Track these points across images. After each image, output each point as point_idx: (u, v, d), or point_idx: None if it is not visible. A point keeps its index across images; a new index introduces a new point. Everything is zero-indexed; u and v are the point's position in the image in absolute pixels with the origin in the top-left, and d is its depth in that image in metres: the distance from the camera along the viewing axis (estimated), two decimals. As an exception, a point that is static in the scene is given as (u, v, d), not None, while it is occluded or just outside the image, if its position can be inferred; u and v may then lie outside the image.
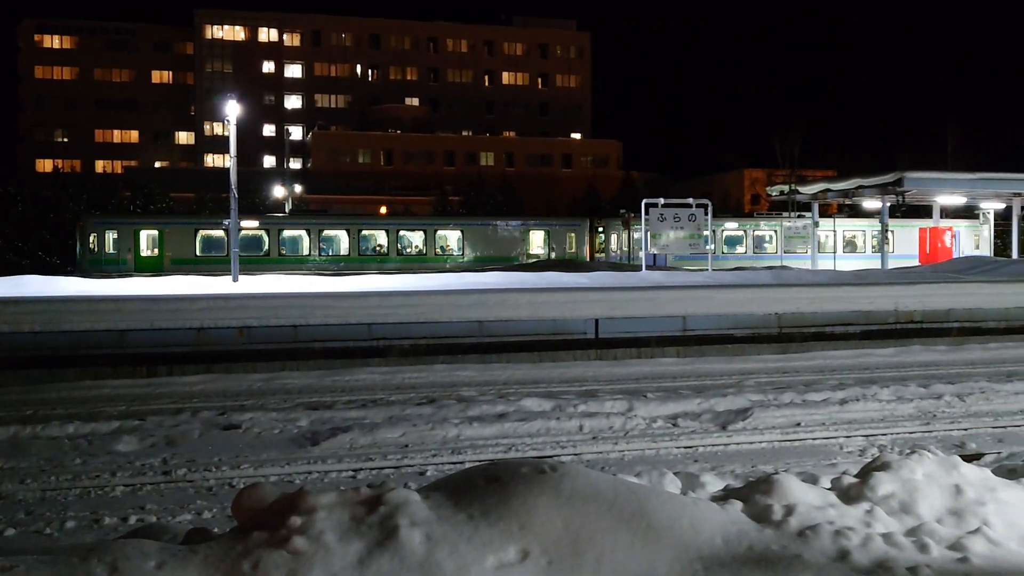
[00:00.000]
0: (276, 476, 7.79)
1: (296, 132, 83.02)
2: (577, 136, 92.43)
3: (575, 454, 8.66)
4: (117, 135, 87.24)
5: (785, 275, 25.55)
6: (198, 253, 37.25)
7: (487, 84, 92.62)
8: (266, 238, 38.44)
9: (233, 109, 24.60)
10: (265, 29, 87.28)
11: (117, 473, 7.78)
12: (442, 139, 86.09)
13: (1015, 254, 38.92)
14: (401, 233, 40.69)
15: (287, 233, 39.21)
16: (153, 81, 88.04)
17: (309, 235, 39.14)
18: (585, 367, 14.04)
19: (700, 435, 9.38)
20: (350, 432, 9.00)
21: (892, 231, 42.46)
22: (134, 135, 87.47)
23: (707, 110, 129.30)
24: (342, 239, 39.72)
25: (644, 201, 29.87)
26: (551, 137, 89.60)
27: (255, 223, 38.43)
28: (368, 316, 14.20)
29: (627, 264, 37.93)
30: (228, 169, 24.60)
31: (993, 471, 5.38)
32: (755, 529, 4.36)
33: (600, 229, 44.62)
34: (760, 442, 9.19)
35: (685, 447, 8.97)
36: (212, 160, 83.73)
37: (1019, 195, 38.70)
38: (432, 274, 25.31)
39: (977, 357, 15.17)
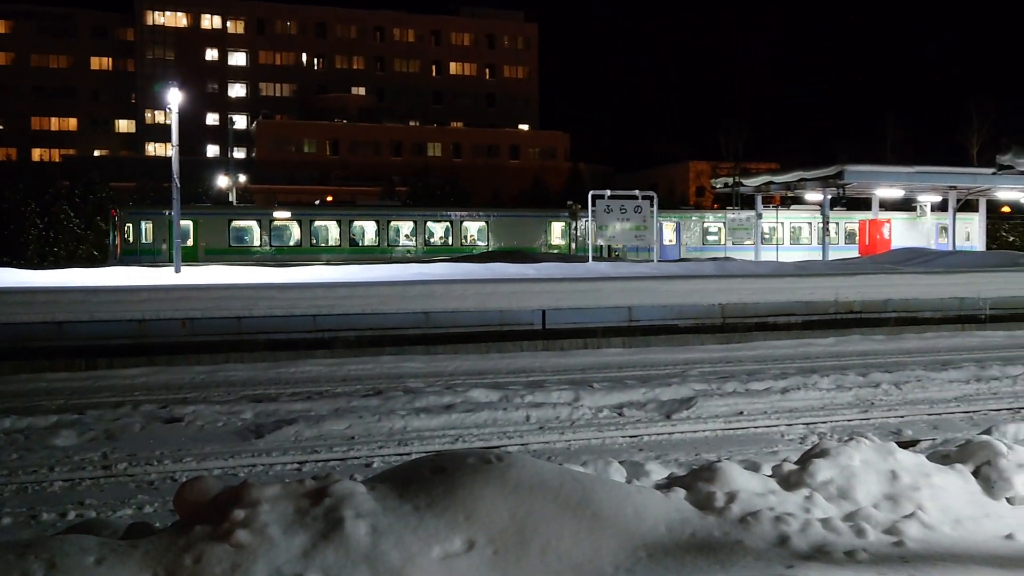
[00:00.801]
0: (220, 469, 7.70)
1: (240, 121, 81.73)
2: (525, 127, 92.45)
3: (522, 444, 8.70)
4: (55, 123, 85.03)
5: (729, 266, 25.90)
6: (231, 243, 38.16)
7: (434, 74, 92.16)
8: (297, 229, 39.28)
9: (175, 97, 24.16)
10: (208, 16, 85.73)
11: (55, 468, 7.62)
12: (389, 129, 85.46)
13: (952, 246, 39.91)
14: (428, 224, 41.86)
15: (318, 223, 40.09)
16: (92, 68, 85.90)
17: (340, 225, 40.13)
18: (532, 358, 14.09)
19: (645, 424, 9.48)
20: (295, 424, 8.93)
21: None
22: (72, 123, 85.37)
23: (653, 102, 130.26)
24: (371, 229, 40.91)
25: (591, 193, 30.02)
26: (499, 128, 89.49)
27: (287, 213, 39.57)
28: (313, 307, 14.08)
29: (574, 255, 38.10)
30: (170, 158, 24.17)
31: (928, 457, 5.53)
32: (698, 516, 4.43)
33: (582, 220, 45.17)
34: (704, 431, 9.31)
35: (630, 436, 9.06)
36: (154, 149, 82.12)
37: (954, 188, 39.72)
38: (380, 265, 25.18)
39: (914, 346, 15.55)
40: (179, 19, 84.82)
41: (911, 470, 5.08)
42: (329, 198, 64.25)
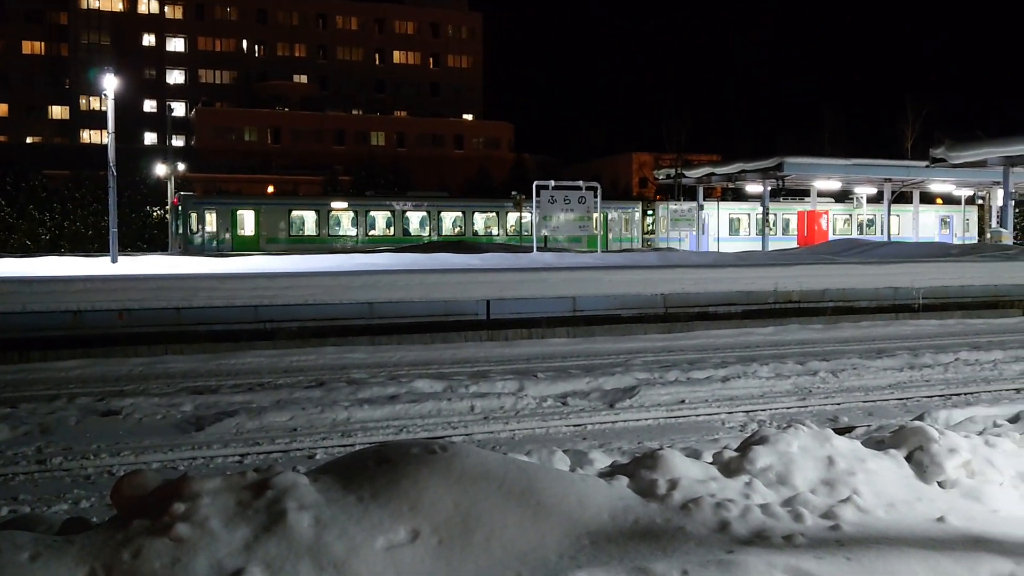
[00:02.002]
0: (159, 463, 7.58)
1: (179, 108, 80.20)
2: (469, 117, 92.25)
3: (466, 434, 8.70)
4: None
5: (671, 257, 26.17)
6: (291, 232, 39.13)
7: (378, 62, 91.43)
8: (353, 218, 40.50)
9: (111, 83, 23.60)
10: (145, 0, 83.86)
11: (-13, 463, 7.42)
12: (332, 118, 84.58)
13: (885, 236, 40.84)
14: (475, 214, 43.37)
15: (372, 213, 41.19)
16: (24, 52, 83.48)
17: (392, 215, 41.33)
18: (477, 348, 14.10)
19: (589, 413, 9.55)
20: (236, 416, 8.81)
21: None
22: (3, 109, 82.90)
23: (597, 93, 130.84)
24: (416, 219, 42.08)
25: (535, 183, 30.09)
26: (443, 118, 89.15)
27: (344, 204, 40.90)
28: (255, 298, 13.89)
29: (518, 245, 38.18)
30: (106, 146, 23.63)
31: (863, 443, 5.65)
32: (640, 503, 4.48)
33: (650, 212, 45.48)
34: (646, 419, 9.41)
35: (574, 425, 9.12)
36: (89, 136, 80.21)
37: (889, 180, 40.66)
38: (325, 255, 24.94)
39: (850, 335, 15.88)
40: (115, 3, 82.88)
41: (847, 456, 5.19)
42: (270, 188, 63.44)
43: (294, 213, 39.90)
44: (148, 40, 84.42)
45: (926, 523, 4.59)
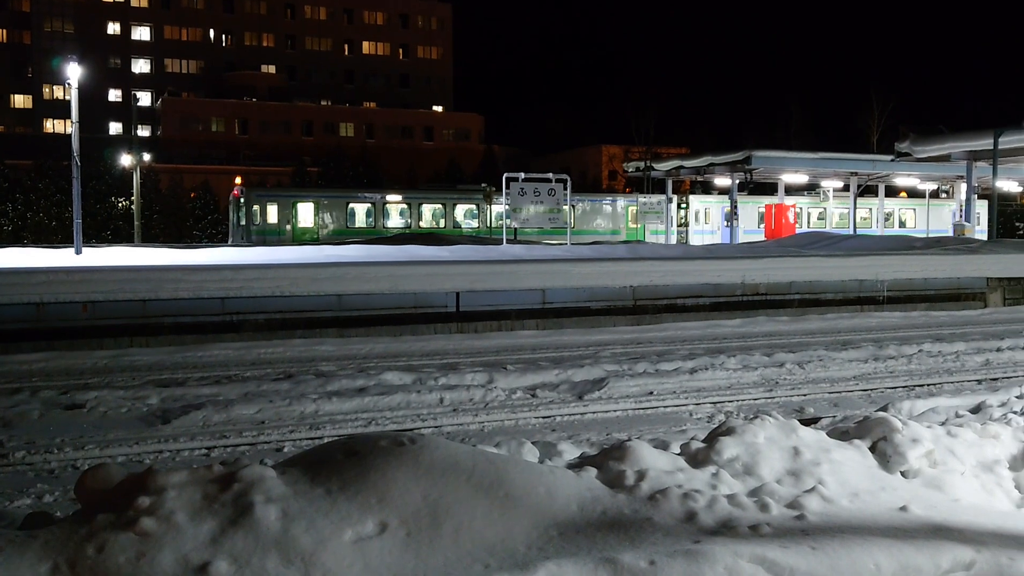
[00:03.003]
0: (124, 456, 7.50)
1: (145, 98, 79.16)
2: (439, 108, 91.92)
3: (435, 427, 8.70)
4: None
5: (640, 249, 26.28)
6: (348, 224, 40.10)
7: (347, 53, 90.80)
8: (405, 210, 41.23)
9: (75, 71, 23.25)
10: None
11: (-53, 457, 7.31)
12: (300, 108, 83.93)
13: (852, 230, 41.28)
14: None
15: (426, 206, 42.08)
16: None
17: (445, 208, 42.09)
18: (446, 340, 14.08)
19: (558, 405, 9.58)
20: (203, 409, 8.74)
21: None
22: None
23: (566, 86, 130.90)
24: (463, 211, 42.86)
25: (505, 175, 30.06)
26: (412, 109, 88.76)
27: (398, 196, 41.92)
28: (221, 290, 13.77)
29: (488, 238, 38.16)
30: (70, 135, 23.28)
31: (828, 433, 5.72)
32: (609, 495, 4.50)
33: (683, 205, 45.54)
34: (615, 411, 9.45)
35: (543, 417, 9.14)
36: (52, 125, 79.00)
37: (856, 174, 41.07)
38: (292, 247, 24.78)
39: (816, 327, 16.05)
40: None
41: (812, 446, 5.25)
42: (238, 179, 62.85)
43: (351, 205, 40.97)
44: (113, 28, 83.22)
45: (889, 512, 4.65)
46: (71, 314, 13.00)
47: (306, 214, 40.06)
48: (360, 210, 40.97)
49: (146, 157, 52.31)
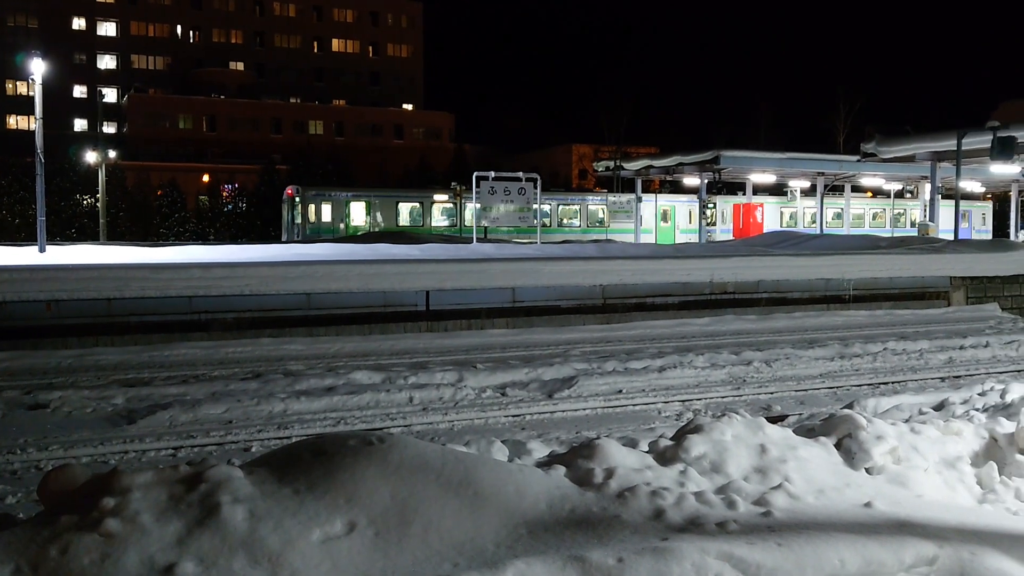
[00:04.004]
0: (88, 457, 7.41)
1: (111, 94, 78.21)
2: (409, 107, 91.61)
3: (405, 426, 8.68)
4: (-97, 92, 79.51)
5: (610, 248, 26.36)
6: (399, 222, 40.97)
7: (316, 50, 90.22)
8: (451, 210, 42.22)
9: (39, 67, 22.92)
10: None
11: (-94, 459, 7.18)
12: (269, 106, 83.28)
13: (821, 229, 41.68)
14: (560, 208, 44.42)
15: (470, 206, 41.98)
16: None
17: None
18: (416, 339, 14.05)
19: (528, 404, 9.59)
20: (170, 409, 8.66)
21: (713, 206, 44.63)
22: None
23: (537, 85, 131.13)
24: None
25: (475, 174, 30.02)
26: (383, 107, 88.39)
27: (445, 196, 42.76)
28: (189, 288, 13.64)
29: (459, 237, 38.13)
30: (34, 132, 22.96)
31: (794, 431, 5.77)
32: (577, 492, 4.51)
33: (711, 205, 45.97)
34: (584, 409, 9.49)
35: (513, 416, 9.16)
36: (16, 122, 77.79)
37: (823, 174, 41.46)
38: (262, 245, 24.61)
39: (783, 325, 16.19)
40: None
41: (779, 444, 5.30)
42: (205, 177, 62.25)
43: (401, 204, 41.97)
44: (78, 24, 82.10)
45: (854, 508, 4.71)
46: (35, 313, 12.82)
47: (358, 212, 41.26)
48: (407, 209, 42.14)
49: (112, 154, 51.70)
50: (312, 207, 40.92)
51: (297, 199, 41.51)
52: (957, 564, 4.24)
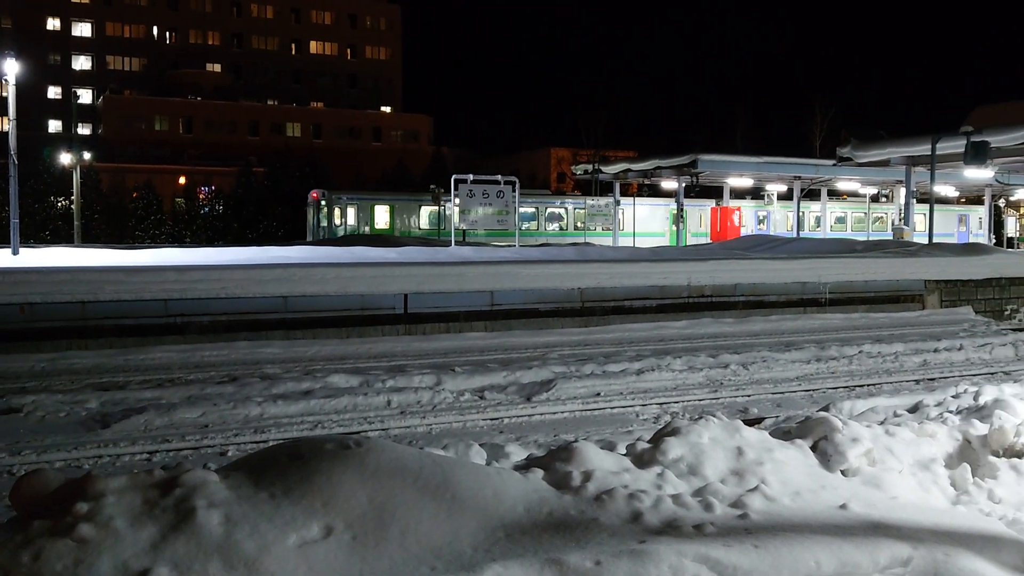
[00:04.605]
0: (62, 462, 7.34)
1: (85, 96, 77.53)
2: (387, 110, 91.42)
3: (383, 429, 8.65)
4: None
5: (588, 251, 26.40)
6: (421, 226, 42.05)
7: (294, 52, 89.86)
8: (559, 213, 42.97)
9: (12, 67, 22.71)
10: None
11: None
12: (246, 108, 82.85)
13: (795, 233, 41.95)
14: (569, 211, 45.44)
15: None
16: (-83, 33, 79.65)
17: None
18: (394, 342, 14.00)
19: (506, 407, 9.59)
20: (145, 413, 8.58)
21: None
22: None
23: (516, 88, 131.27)
24: (530, 214, 44.28)
25: (454, 177, 29.99)
26: (360, 110, 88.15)
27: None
28: (164, 292, 13.53)
29: (437, 239, 38.08)
30: (7, 133, 22.72)
31: (771, 433, 5.80)
32: (555, 496, 4.51)
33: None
34: (563, 412, 9.50)
35: (491, 419, 9.15)
36: (-12, 123, 76.89)
37: (799, 178, 41.74)
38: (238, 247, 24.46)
39: (760, 328, 16.28)
40: (16, -15, 79.57)
41: (755, 446, 5.33)
42: (182, 179, 61.85)
43: (423, 208, 42.95)
44: (53, 24, 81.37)
45: (830, 510, 4.74)
46: (8, 316, 12.67)
47: (382, 215, 42.29)
48: (427, 212, 43.09)
49: (87, 156, 51.21)
50: (337, 210, 42.10)
51: (323, 202, 42.66)
52: (931, 565, 4.27)
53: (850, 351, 13.25)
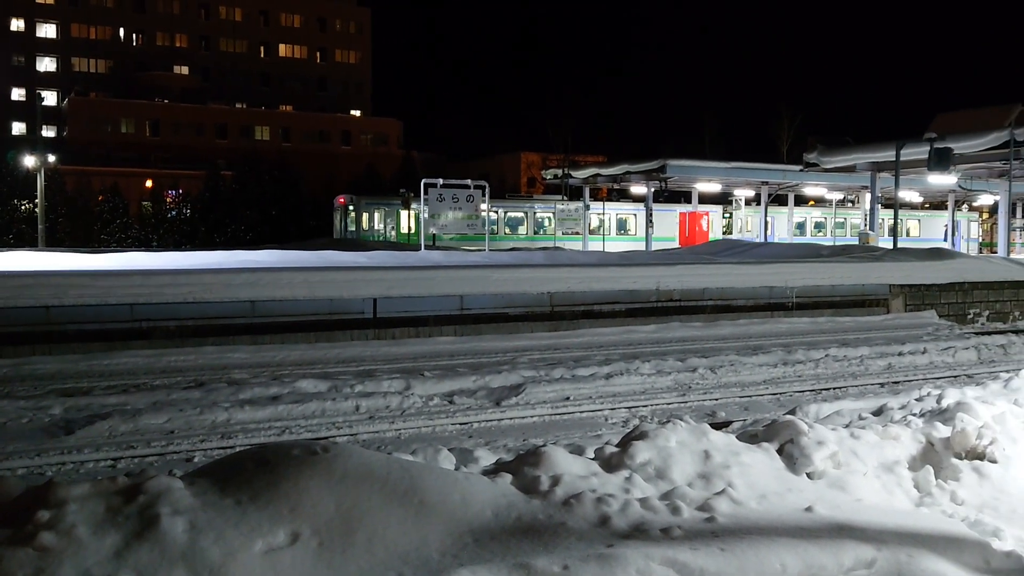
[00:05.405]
0: (24, 469, 7.23)
1: (50, 97, 76.52)
2: (357, 113, 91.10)
3: (351, 435, 8.61)
4: None
5: (558, 256, 26.46)
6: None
7: (263, 55, 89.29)
8: (496, 218, 43.07)
9: (-27, 69, 22.38)
10: (12, -17, 79.67)
11: None
12: (214, 111, 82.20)
13: (763, 238, 42.31)
14: (619, 216, 46.65)
15: (512, 214, 44.65)
16: None
17: (526, 216, 44.52)
18: (363, 347, 13.94)
19: (475, 411, 9.58)
20: (109, 419, 8.48)
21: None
22: None
23: (486, 92, 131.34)
24: (547, 218, 45.29)
25: (424, 181, 29.94)
26: (330, 113, 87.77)
27: (486, 205, 43.48)
28: (130, 296, 13.38)
29: (407, 243, 37.99)
30: (-32, 135, 22.38)
31: (738, 437, 5.85)
32: (523, 500, 4.52)
33: (727, 215, 47.53)
34: (532, 416, 9.50)
35: (461, 423, 9.13)
36: (-51, 124, 75.71)
37: (766, 183, 42.13)
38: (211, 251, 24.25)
39: (728, 332, 16.39)
40: (-21, -15, 78.43)
41: (722, 449, 5.37)
42: (148, 182, 61.23)
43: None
44: (17, 25, 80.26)
45: (795, 513, 4.78)
46: (-31, 321, 12.47)
47: (407, 220, 42.80)
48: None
49: (51, 158, 50.51)
50: (365, 215, 42.87)
51: (350, 207, 43.35)
52: (895, 566, 4.33)
53: (816, 355, 13.38)
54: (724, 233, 47.32)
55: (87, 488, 3.88)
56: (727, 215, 48.25)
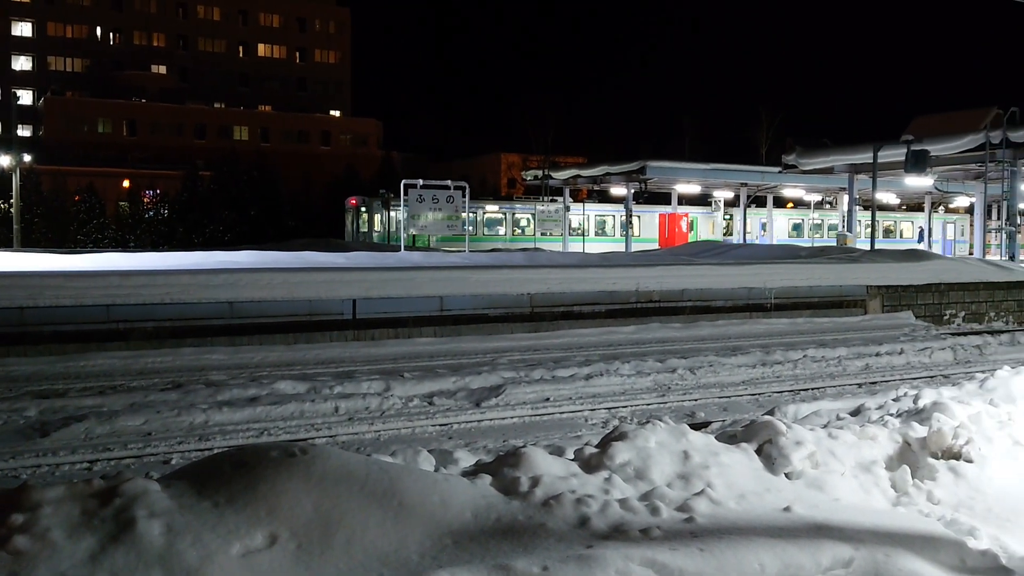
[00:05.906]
0: (-2, 471, 7.15)
1: (26, 97, 75.80)
2: (336, 113, 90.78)
3: (330, 436, 8.57)
4: None
5: (538, 257, 26.47)
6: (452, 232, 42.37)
7: (242, 55, 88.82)
8: (502, 219, 43.77)
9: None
10: (-13, -19, 78.87)
11: None
12: (192, 111, 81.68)
13: (742, 239, 42.51)
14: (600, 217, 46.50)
15: (518, 216, 44.77)
16: None
17: (532, 217, 44.33)
18: (342, 348, 13.89)
19: (455, 413, 9.56)
20: (85, 421, 8.40)
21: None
22: None
23: (466, 93, 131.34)
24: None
25: (404, 182, 29.88)
26: (309, 113, 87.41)
27: (496, 206, 45.12)
28: (106, 297, 13.26)
29: (387, 244, 37.87)
30: (-58, 134, 22.13)
31: (717, 437, 5.87)
32: (503, 501, 4.51)
33: (727, 216, 47.60)
34: (512, 417, 9.50)
35: (440, 425, 9.11)
36: (-77, 123, 74.78)
37: (745, 185, 42.35)
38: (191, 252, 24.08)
39: (707, 333, 16.45)
40: (-47, -18, 77.59)
41: (702, 450, 5.38)
42: (126, 183, 60.76)
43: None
44: (-9, 24, 79.49)
45: (774, 513, 4.80)
46: (-58, 322, 12.32)
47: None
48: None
49: (27, 158, 50.00)
50: (378, 216, 42.70)
51: (362, 208, 43.33)
52: (872, 566, 4.35)
53: (795, 355, 13.45)
54: (724, 235, 47.55)
55: (62, 491, 3.85)
56: (727, 216, 48.44)
